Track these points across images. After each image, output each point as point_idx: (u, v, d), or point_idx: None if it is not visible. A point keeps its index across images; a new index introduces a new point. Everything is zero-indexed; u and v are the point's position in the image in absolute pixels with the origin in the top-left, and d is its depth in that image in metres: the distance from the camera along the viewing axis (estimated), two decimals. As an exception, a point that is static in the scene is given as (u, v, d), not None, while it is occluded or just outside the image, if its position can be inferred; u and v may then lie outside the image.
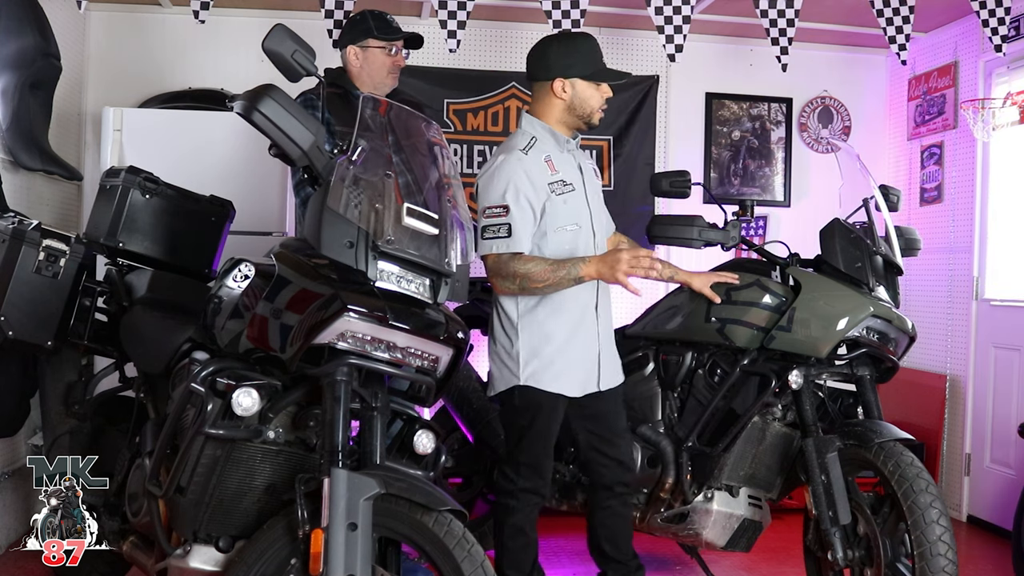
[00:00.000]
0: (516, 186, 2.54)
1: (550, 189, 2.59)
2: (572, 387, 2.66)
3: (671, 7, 3.67)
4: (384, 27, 2.99)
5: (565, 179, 2.64)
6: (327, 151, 1.97)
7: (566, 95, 2.63)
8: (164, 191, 2.86)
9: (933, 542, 2.42)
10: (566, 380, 2.64)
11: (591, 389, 2.69)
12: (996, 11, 3.78)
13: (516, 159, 2.58)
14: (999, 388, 4.15)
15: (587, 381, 2.69)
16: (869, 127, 5.04)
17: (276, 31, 1.96)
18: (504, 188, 2.54)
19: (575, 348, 2.65)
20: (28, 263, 2.58)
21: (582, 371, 2.68)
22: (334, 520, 1.83)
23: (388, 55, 3.00)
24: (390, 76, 3.02)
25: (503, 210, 2.53)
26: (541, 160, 2.62)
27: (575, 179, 2.68)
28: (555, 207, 2.60)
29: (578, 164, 2.73)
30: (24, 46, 3.37)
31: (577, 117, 2.66)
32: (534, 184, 2.56)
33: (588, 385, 2.69)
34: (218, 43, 4.43)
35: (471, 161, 4.68)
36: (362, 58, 3.00)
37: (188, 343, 2.31)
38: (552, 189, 2.60)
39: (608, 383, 2.74)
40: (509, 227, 2.52)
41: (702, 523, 2.92)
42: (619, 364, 2.84)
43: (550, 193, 2.59)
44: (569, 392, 2.65)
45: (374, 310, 1.90)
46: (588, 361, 2.69)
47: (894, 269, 2.93)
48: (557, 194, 2.60)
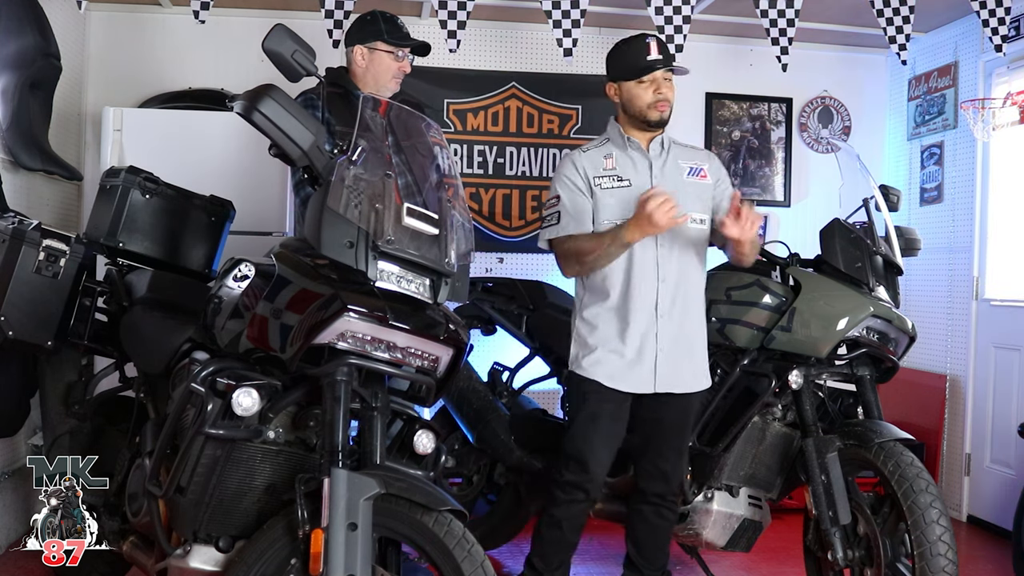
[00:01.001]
0: (567, 177, 2.70)
1: (595, 182, 2.67)
2: (616, 379, 2.63)
3: (671, 7, 3.67)
4: (395, 32, 2.96)
5: (621, 175, 2.67)
6: (327, 151, 1.97)
7: (617, 98, 2.73)
8: (164, 191, 2.85)
9: (933, 542, 2.42)
10: (606, 369, 2.63)
11: (644, 389, 2.64)
12: (996, 11, 3.78)
13: (573, 156, 2.74)
14: (999, 388, 4.15)
15: (639, 379, 2.64)
16: (869, 127, 5.03)
17: (276, 31, 1.96)
18: (558, 182, 2.72)
19: (629, 343, 2.62)
20: (28, 263, 2.57)
21: (630, 366, 2.63)
22: (334, 520, 1.83)
23: (395, 60, 2.97)
24: (393, 80, 3.00)
25: (556, 200, 2.71)
26: (600, 157, 2.72)
27: (633, 176, 2.67)
28: (600, 201, 2.66)
29: (649, 163, 2.70)
30: (24, 46, 3.37)
31: (633, 116, 2.70)
32: (583, 176, 2.68)
33: (641, 384, 2.64)
34: (218, 43, 4.43)
35: (471, 161, 4.68)
36: (368, 59, 2.97)
37: (188, 343, 2.31)
38: (598, 183, 2.67)
39: (669, 387, 2.65)
40: (559, 215, 2.69)
41: (702, 523, 2.92)
42: (697, 374, 2.71)
43: (594, 186, 2.66)
44: (608, 382, 2.63)
45: (374, 310, 1.90)
46: (643, 359, 2.63)
47: (894, 269, 2.93)
48: (603, 188, 2.66)
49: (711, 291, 2.94)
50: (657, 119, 2.68)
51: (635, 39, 2.71)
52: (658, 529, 2.77)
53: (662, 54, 2.68)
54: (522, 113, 4.72)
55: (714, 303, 2.90)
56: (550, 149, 4.73)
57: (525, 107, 4.72)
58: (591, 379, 2.65)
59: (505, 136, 4.71)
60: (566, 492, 2.68)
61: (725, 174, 2.83)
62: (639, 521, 2.78)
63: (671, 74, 2.71)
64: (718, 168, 2.80)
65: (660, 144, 2.74)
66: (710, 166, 2.78)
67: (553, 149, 4.73)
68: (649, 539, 2.78)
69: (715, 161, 2.82)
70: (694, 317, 2.72)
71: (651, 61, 2.65)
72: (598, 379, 2.64)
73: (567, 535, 2.70)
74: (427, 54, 3.06)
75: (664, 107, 2.68)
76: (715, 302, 2.91)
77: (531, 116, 4.72)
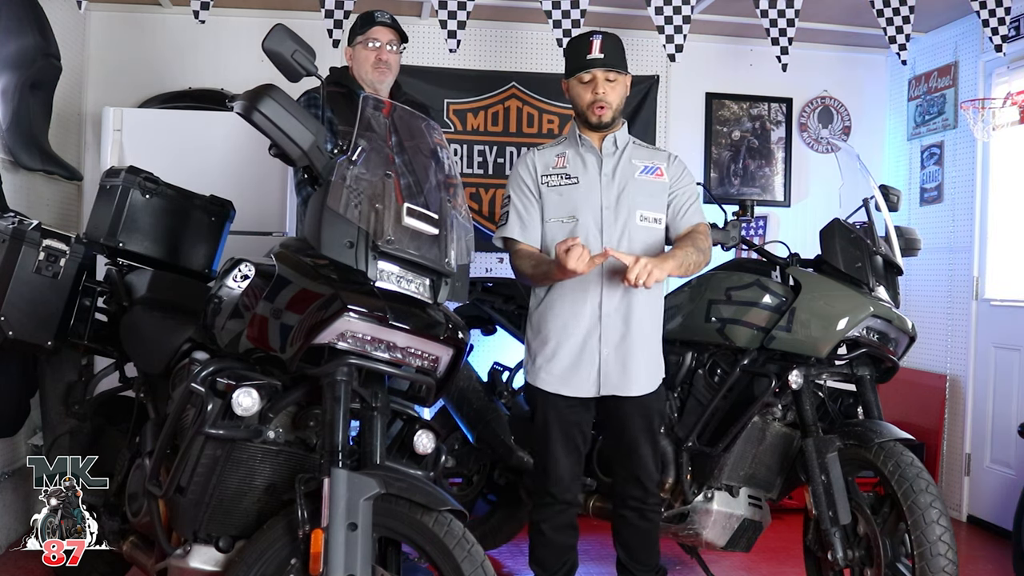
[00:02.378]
0: (519, 177, 2.70)
1: (543, 180, 2.66)
2: (556, 385, 2.63)
3: (671, 7, 3.67)
4: (365, 25, 3.01)
5: (569, 173, 2.65)
6: (327, 151, 1.97)
7: (569, 97, 2.71)
8: (164, 191, 2.85)
9: (933, 542, 2.42)
10: (548, 375, 2.64)
11: (589, 393, 2.62)
12: (996, 11, 3.78)
13: (529, 155, 2.73)
14: (999, 388, 4.15)
15: (580, 383, 2.62)
16: (869, 127, 5.04)
17: (276, 31, 1.96)
18: (511, 181, 2.72)
19: (568, 348, 2.62)
20: (28, 263, 2.57)
21: (570, 371, 2.62)
22: (334, 520, 1.83)
23: (367, 48, 3.00)
24: (375, 71, 3.00)
25: (507, 200, 2.71)
26: (553, 155, 2.70)
27: (582, 174, 2.65)
28: (549, 199, 2.66)
29: (599, 161, 2.66)
30: (24, 46, 3.37)
31: (578, 115, 2.68)
32: (533, 174, 2.68)
33: (582, 388, 2.62)
34: (218, 43, 4.43)
35: (471, 161, 4.68)
36: (353, 57, 3.05)
37: (188, 343, 2.31)
38: (545, 181, 2.66)
39: (615, 390, 2.62)
40: (507, 215, 2.69)
41: (702, 523, 2.91)
42: (646, 374, 2.65)
43: (541, 184, 2.66)
44: (549, 388, 2.63)
45: (374, 310, 1.90)
46: (586, 363, 2.61)
47: (894, 269, 2.93)
48: (550, 186, 2.66)
49: (711, 291, 2.94)
50: (595, 122, 2.62)
51: (583, 36, 2.66)
52: (644, 532, 2.75)
53: (604, 53, 2.59)
54: (522, 113, 4.72)
55: (714, 303, 2.90)
56: (550, 149, 4.73)
57: (525, 107, 4.72)
58: (536, 386, 2.66)
59: (505, 136, 4.71)
60: (538, 497, 2.71)
61: (688, 178, 2.72)
62: (623, 526, 2.77)
63: (619, 75, 2.62)
64: (679, 170, 2.70)
65: (613, 143, 2.67)
66: (668, 167, 2.69)
67: (553, 149, 4.73)
68: (636, 542, 2.77)
69: (677, 164, 2.72)
70: (644, 317, 2.64)
71: (588, 60, 2.59)
72: (540, 386, 2.65)
73: (553, 538, 2.69)
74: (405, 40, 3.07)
75: (601, 110, 2.60)
76: (715, 302, 2.91)
77: (531, 116, 4.73)
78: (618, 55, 2.64)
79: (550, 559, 2.71)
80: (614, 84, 2.62)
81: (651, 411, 2.68)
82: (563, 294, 2.62)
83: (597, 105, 2.60)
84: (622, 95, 2.67)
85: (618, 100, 2.64)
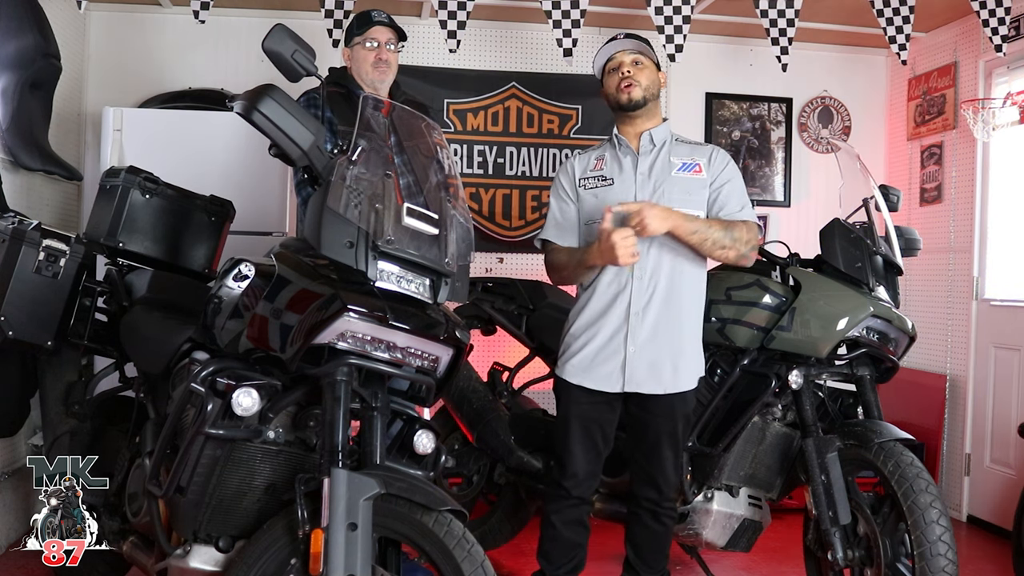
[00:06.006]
0: (560, 183, 2.75)
1: (580, 183, 2.70)
2: (580, 376, 2.64)
3: (671, 7, 3.67)
4: (361, 22, 3.02)
5: (606, 175, 2.67)
6: (327, 151, 1.97)
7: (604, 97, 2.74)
8: (164, 191, 2.85)
9: (933, 542, 2.42)
10: (573, 367, 2.65)
11: (612, 388, 2.60)
12: (996, 11, 3.78)
13: (571, 160, 2.78)
14: (999, 388, 4.15)
15: (604, 377, 2.61)
16: (869, 127, 5.04)
17: (276, 31, 1.96)
18: (553, 186, 2.78)
19: (596, 343, 2.62)
20: (28, 263, 2.57)
21: (594, 364, 2.62)
22: (334, 520, 1.83)
23: (365, 48, 3.00)
24: (375, 70, 3.00)
25: (548, 205, 2.76)
26: (592, 158, 2.74)
27: (617, 175, 2.65)
28: (586, 201, 2.69)
29: (634, 160, 2.65)
30: (24, 46, 3.37)
31: (613, 109, 2.71)
32: (572, 179, 2.72)
33: (606, 382, 2.61)
34: (218, 43, 4.43)
35: (471, 161, 4.68)
36: (351, 58, 3.05)
37: (188, 343, 2.31)
38: (582, 184, 2.70)
39: (639, 387, 2.59)
40: (546, 219, 2.76)
41: (702, 523, 2.92)
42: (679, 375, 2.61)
43: (579, 188, 2.70)
44: (573, 379, 2.64)
45: (374, 310, 1.90)
46: (611, 358, 2.60)
47: (894, 269, 2.94)
48: (587, 188, 2.69)
49: (711, 291, 2.93)
50: (626, 100, 2.62)
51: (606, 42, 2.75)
52: (657, 535, 2.74)
53: (627, 44, 2.67)
54: (522, 113, 4.72)
55: (714, 303, 2.90)
56: (550, 149, 4.73)
57: (525, 107, 4.72)
58: (562, 378, 2.69)
59: (505, 136, 4.71)
60: (554, 489, 2.73)
61: (730, 171, 2.66)
62: (637, 526, 2.76)
63: (644, 59, 2.66)
64: (720, 164, 2.65)
65: (650, 140, 2.66)
66: (709, 163, 2.65)
67: (553, 149, 4.73)
68: (648, 544, 2.76)
69: (719, 160, 2.66)
70: (677, 316, 2.61)
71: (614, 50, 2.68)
72: (564, 377, 2.68)
73: (563, 533, 2.69)
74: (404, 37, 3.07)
75: (629, 88, 2.61)
76: (715, 302, 2.91)
77: (531, 116, 4.73)
78: (643, 43, 2.70)
79: (557, 553, 2.71)
80: (641, 67, 2.65)
81: (676, 413, 2.63)
82: (599, 295, 2.63)
83: (624, 82, 2.62)
84: (651, 79, 2.66)
85: (647, 81, 2.64)
